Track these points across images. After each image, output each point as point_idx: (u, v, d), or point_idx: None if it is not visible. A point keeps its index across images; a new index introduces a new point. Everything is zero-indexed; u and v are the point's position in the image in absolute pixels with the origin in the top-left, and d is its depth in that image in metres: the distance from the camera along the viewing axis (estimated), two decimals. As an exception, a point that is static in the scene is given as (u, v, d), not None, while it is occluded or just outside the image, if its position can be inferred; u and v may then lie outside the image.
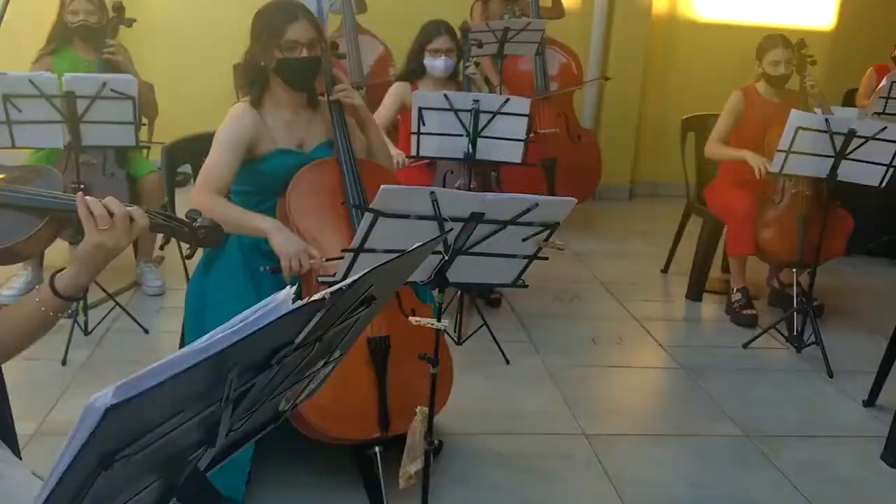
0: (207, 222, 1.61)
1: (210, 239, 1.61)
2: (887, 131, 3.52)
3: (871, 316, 4.23)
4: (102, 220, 1.46)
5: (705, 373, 3.56)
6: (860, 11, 6.35)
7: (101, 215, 1.46)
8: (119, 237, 1.48)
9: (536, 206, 1.91)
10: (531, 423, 3.05)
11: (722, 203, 4.22)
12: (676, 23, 6.26)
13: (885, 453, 2.96)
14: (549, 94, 5.06)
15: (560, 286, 4.43)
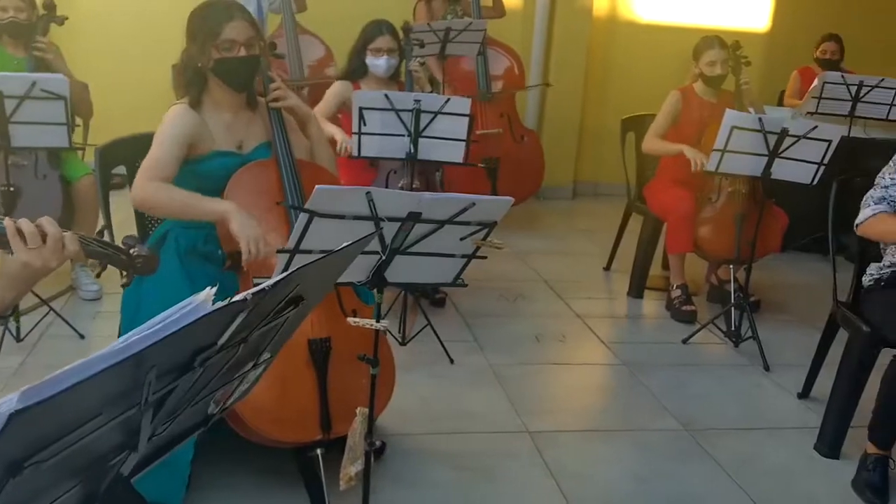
0: (145, 251, 1.57)
1: (146, 268, 1.57)
2: (817, 130, 3.62)
3: (806, 310, 4.34)
4: (32, 239, 1.42)
5: (646, 368, 3.61)
6: (793, 14, 6.53)
7: (30, 233, 1.42)
8: (48, 258, 1.44)
9: (473, 206, 1.92)
10: (475, 421, 3.06)
11: (661, 202, 4.29)
12: (616, 24, 6.35)
13: (818, 443, 3.04)
14: (490, 95, 5.10)
15: (504, 285, 4.46)
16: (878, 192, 2.82)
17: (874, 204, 2.80)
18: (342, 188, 1.82)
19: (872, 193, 2.84)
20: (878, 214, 2.78)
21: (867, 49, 6.27)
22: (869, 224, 2.80)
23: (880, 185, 2.84)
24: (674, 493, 2.72)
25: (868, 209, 2.81)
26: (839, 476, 2.86)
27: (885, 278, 2.96)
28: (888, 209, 2.78)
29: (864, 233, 2.87)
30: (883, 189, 2.81)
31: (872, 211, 2.79)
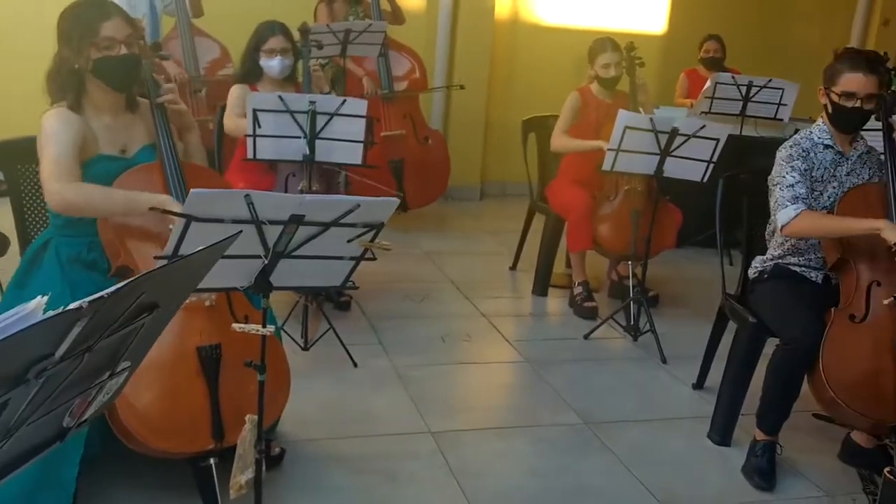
0: None
1: None
2: (706, 129, 3.76)
3: (702, 304, 4.47)
4: None
5: (549, 365, 3.67)
6: (689, 17, 6.74)
7: None
8: None
9: (358, 207, 1.91)
10: (377, 424, 3.04)
11: (561, 201, 4.37)
12: (518, 26, 6.44)
13: (711, 432, 3.15)
14: (392, 95, 5.10)
15: (411, 286, 4.46)
16: (787, 192, 2.87)
17: (791, 204, 2.85)
18: (218, 191, 1.78)
19: (783, 194, 2.88)
20: (801, 213, 2.83)
21: (753, 51, 6.54)
22: (796, 223, 2.83)
23: (784, 184, 2.89)
24: (572, 486, 2.77)
25: (788, 209, 2.84)
26: (731, 463, 2.97)
27: (769, 270, 3.09)
28: (805, 206, 2.85)
29: (792, 233, 2.89)
30: (790, 188, 2.87)
31: (795, 210, 2.83)
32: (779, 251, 3.08)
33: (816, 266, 3.00)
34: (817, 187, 2.97)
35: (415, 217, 5.49)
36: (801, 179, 2.88)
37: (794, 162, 2.91)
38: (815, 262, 3.00)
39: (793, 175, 2.88)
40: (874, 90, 2.89)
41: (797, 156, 2.92)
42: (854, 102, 2.88)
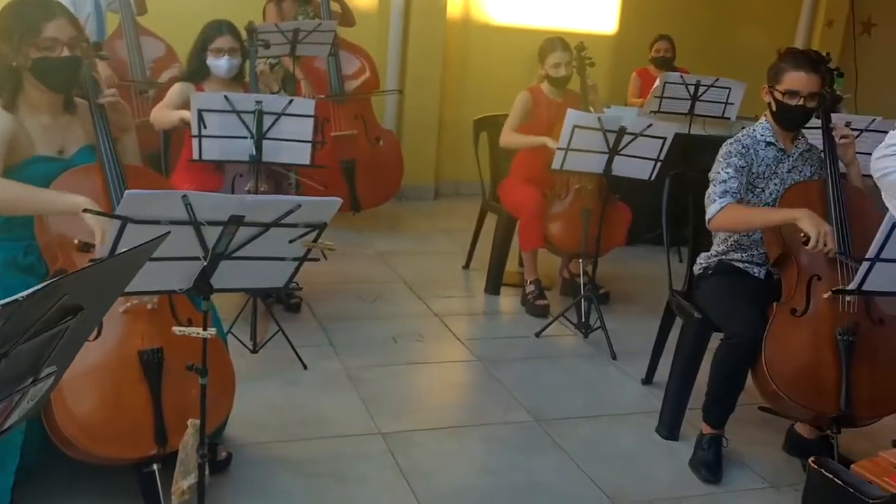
0: None
1: None
2: (652, 128, 3.80)
3: (652, 300, 4.52)
4: None
5: (500, 363, 3.68)
6: (639, 17, 6.82)
7: None
8: None
9: (299, 207, 1.89)
10: (327, 427, 3.02)
11: (513, 200, 4.39)
12: (470, 26, 6.45)
13: (659, 427, 3.19)
14: (344, 97, 5.07)
15: (363, 287, 4.44)
16: (718, 187, 2.95)
17: (719, 198, 2.91)
18: (154, 192, 1.75)
19: (714, 189, 2.95)
20: (726, 206, 2.90)
21: (702, 51, 6.63)
22: (720, 217, 2.90)
23: (717, 180, 2.97)
24: (523, 484, 2.78)
25: (715, 204, 2.92)
26: (678, 457, 3.01)
27: (713, 266, 3.13)
28: (733, 200, 2.92)
29: (717, 226, 2.97)
30: (722, 183, 2.94)
31: (720, 204, 2.90)
32: (722, 247, 3.13)
33: (759, 262, 3.06)
34: (759, 184, 3.03)
35: (368, 217, 5.47)
36: (735, 175, 2.93)
37: (732, 158, 2.96)
38: (757, 257, 3.06)
39: (727, 171, 2.94)
40: (816, 89, 2.96)
41: (735, 152, 2.98)
42: (797, 101, 2.94)
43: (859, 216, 2.84)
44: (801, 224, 2.71)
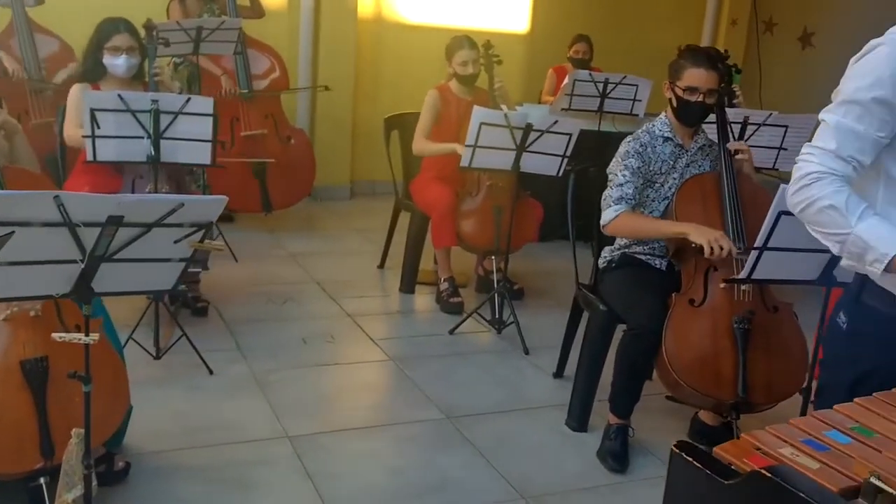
0: None
1: None
2: (558, 125, 3.84)
3: (564, 295, 4.55)
4: None
5: (413, 362, 3.66)
6: (551, 16, 6.90)
7: None
8: None
9: (182, 206, 1.83)
10: (232, 432, 2.95)
11: (425, 198, 4.37)
12: (382, 25, 6.41)
13: (568, 419, 3.22)
14: (251, 94, 4.98)
15: (274, 289, 4.36)
16: (615, 191, 2.99)
17: (614, 205, 2.98)
18: (21, 193, 1.67)
19: (610, 193, 3.01)
20: (620, 215, 2.96)
21: (613, 50, 6.75)
22: (614, 224, 2.99)
23: (614, 183, 3.01)
24: (431, 481, 2.76)
25: (610, 210, 2.98)
26: (587, 448, 3.04)
27: (617, 259, 3.18)
28: (627, 207, 2.97)
29: (610, 232, 3.05)
30: (619, 188, 2.99)
31: (615, 212, 2.97)
32: (625, 240, 3.17)
33: (660, 254, 3.11)
34: (658, 179, 3.08)
35: (280, 218, 5.38)
36: (632, 179, 2.99)
37: (629, 160, 3.01)
38: (658, 249, 3.12)
39: (624, 174, 3.00)
40: (715, 85, 3.03)
41: (633, 152, 3.03)
42: (697, 97, 3.01)
43: (753, 207, 2.91)
44: (691, 238, 2.78)
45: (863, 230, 1.55)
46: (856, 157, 1.59)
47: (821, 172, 1.60)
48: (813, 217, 1.62)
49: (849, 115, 1.59)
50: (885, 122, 1.57)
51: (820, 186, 1.59)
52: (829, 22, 7.06)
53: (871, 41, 1.60)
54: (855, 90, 1.58)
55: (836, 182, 1.59)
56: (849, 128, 1.59)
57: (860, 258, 1.57)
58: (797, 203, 1.65)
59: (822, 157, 1.61)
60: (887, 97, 1.55)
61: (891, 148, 1.61)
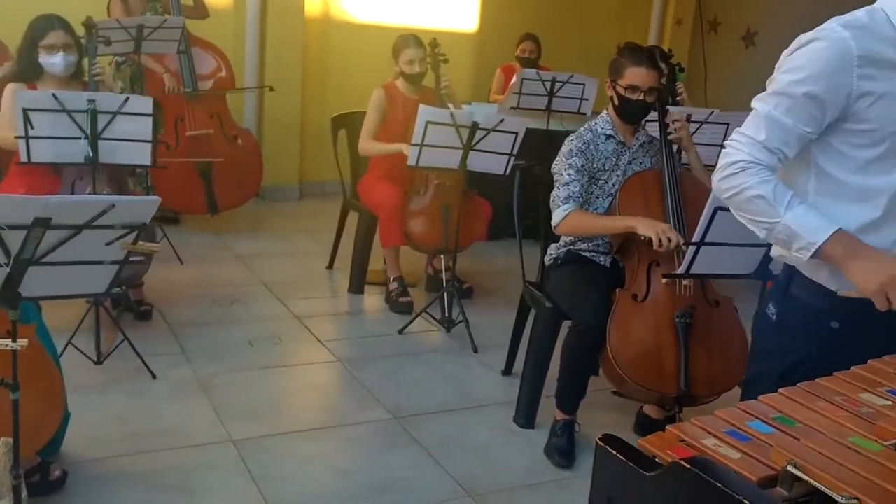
0: None
1: None
2: (504, 123, 3.85)
3: (514, 293, 4.56)
4: None
5: (362, 363, 3.64)
6: (500, 15, 6.92)
7: None
8: None
9: (113, 207, 1.79)
10: (175, 437, 2.90)
11: (372, 197, 4.35)
12: (330, 24, 6.37)
13: (516, 416, 3.23)
14: (196, 93, 4.91)
15: (220, 291, 4.30)
16: (562, 191, 3.01)
17: (563, 204, 2.99)
18: (-61, 195, 1.62)
19: (558, 194, 3.02)
20: (569, 214, 2.98)
21: (562, 49, 6.80)
22: (565, 224, 3.00)
23: (560, 182, 3.03)
24: (379, 481, 2.75)
25: (560, 210, 3.00)
26: (534, 444, 3.06)
27: (562, 256, 3.20)
28: (576, 206, 2.99)
29: (562, 232, 3.08)
30: (565, 187, 3.01)
31: (564, 212, 2.99)
32: (570, 237, 3.20)
33: (604, 251, 3.14)
34: (601, 176, 3.11)
35: (227, 219, 5.31)
36: (577, 177, 3.01)
37: (573, 159, 3.03)
38: (603, 246, 3.14)
39: (569, 173, 3.02)
40: (655, 83, 3.07)
41: (576, 151, 3.05)
42: (638, 95, 3.04)
43: (694, 202, 2.95)
44: (639, 231, 2.81)
45: (790, 219, 1.58)
46: (781, 149, 1.62)
47: (747, 162, 1.62)
48: (741, 205, 1.65)
49: (779, 106, 1.61)
50: (813, 118, 1.59)
51: (746, 175, 1.62)
52: (771, 22, 7.21)
53: (803, 34, 1.62)
54: (788, 83, 1.60)
55: (763, 172, 1.61)
56: (778, 120, 1.61)
57: (787, 245, 1.60)
58: (724, 189, 1.67)
59: (751, 146, 1.63)
60: (818, 93, 1.57)
61: (820, 141, 1.64)
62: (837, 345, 1.61)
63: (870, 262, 1.50)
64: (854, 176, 1.62)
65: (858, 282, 1.51)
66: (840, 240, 1.54)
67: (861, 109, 1.57)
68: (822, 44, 1.57)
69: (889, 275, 1.46)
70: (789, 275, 1.68)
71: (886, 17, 1.57)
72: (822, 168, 1.65)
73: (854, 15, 1.58)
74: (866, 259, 1.51)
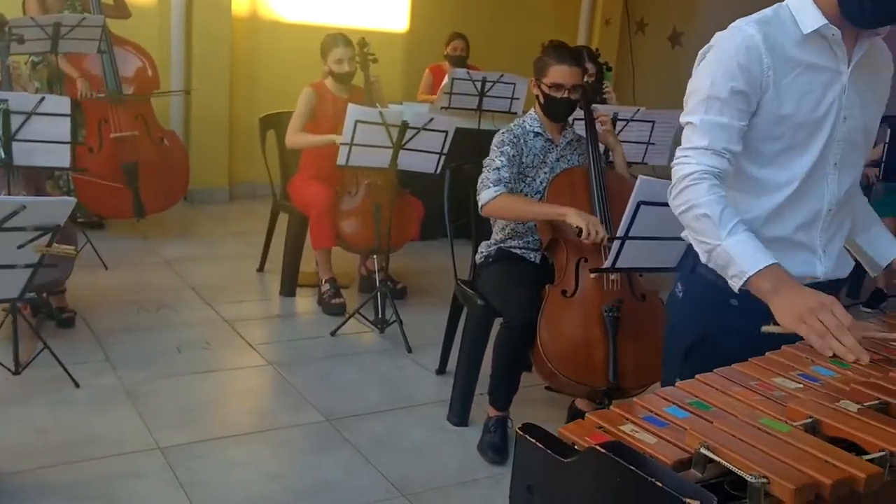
0: None
1: None
2: (434, 122, 3.85)
3: (447, 292, 4.56)
4: None
5: (294, 365, 3.60)
6: (430, 15, 6.93)
7: None
8: None
9: (24, 209, 1.73)
10: (100, 446, 2.81)
11: (303, 198, 4.31)
12: (259, 23, 6.28)
13: (450, 414, 3.24)
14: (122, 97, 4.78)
15: (146, 296, 4.19)
16: (492, 174, 3.03)
17: (493, 186, 3.00)
18: None
19: (487, 176, 3.04)
20: (499, 196, 2.98)
21: (493, 48, 6.85)
22: (493, 204, 2.99)
23: (491, 167, 3.05)
24: (309, 484, 2.72)
25: (489, 190, 3.00)
26: (468, 442, 3.06)
27: (493, 254, 3.22)
28: (506, 189, 3.00)
29: (489, 212, 3.06)
30: (495, 171, 3.03)
31: (494, 192, 2.99)
32: (500, 235, 3.22)
33: (534, 247, 3.17)
34: (529, 173, 3.14)
35: (154, 223, 5.19)
36: (508, 164, 3.03)
37: (504, 147, 3.06)
38: (533, 243, 3.17)
39: (500, 160, 3.03)
40: (579, 81, 3.11)
41: (508, 142, 3.07)
42: (563, 93, 3.07)
43: (619, 199, 3.00)
44: (569, 220, 2.84)
45: (730, 244, 1.56)
46: (728, 149, 1.61)
47: (700, 172, 1.61)
48: (690, 222, 1.63)
49: (710, 110, 1.62)
50: (742, 112, 1.62)
51: (698, 191, 1.60)
52: (696, 22, 7.39)
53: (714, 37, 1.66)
54: (710, 86, 1.62)
55: (715, 188, 1.60)
56: (714, 122, 1.61)
57: (723, 270, 1.59)
58: (678, 205, 1.65)
59: (698, 155, 1.62)
60: (741, 87, 1.60)
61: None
62: (737, 321, 1.64)
63: (792, 298, 1.49)
64: (762, 170, 1.67)
65: (779, 316, 1.50)
66: (770, 274, 1.52)
67: (769, 102, 1.61)
68: (731, 42, 1.62)
69: (808, 307, 1.45)
70: (696, 254, 1.70)
71: (790, 14, 1.62)
72: (740, 166, 1.68)
73: (761, 12, 1.63)
74: (788, 294, 1.50)
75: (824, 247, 1.72)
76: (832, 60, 1.64)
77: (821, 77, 1.63)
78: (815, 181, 1.67)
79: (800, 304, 1.47)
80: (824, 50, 1.63)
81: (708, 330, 1.73)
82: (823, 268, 1.72)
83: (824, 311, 1.44)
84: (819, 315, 1.44)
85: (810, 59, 1.62)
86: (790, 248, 1.69)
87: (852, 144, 1.69)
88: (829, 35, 1.60)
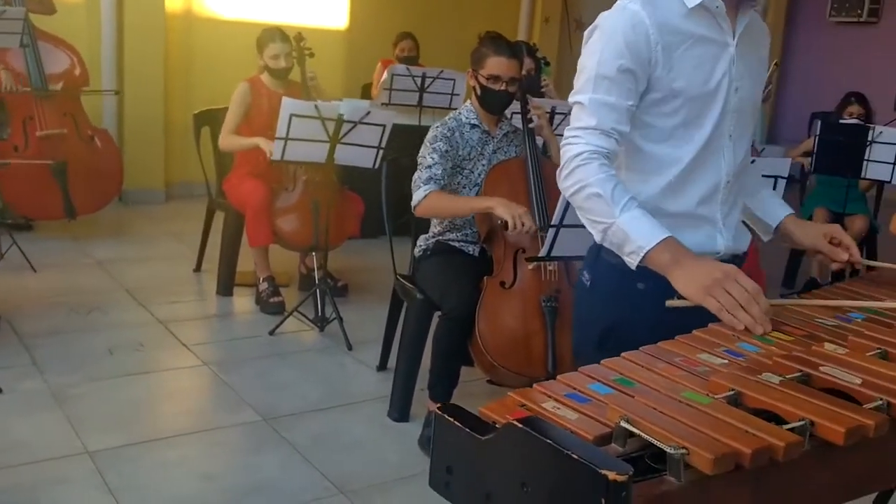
0: None
1: None
2: (371, 116, 3.81)
3: (389, 289, 4.54)
4: None
5: (231, 365, 3.52)
6: (370, 11, 6.88)
7: None
8: None
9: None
10: (25, 452, 2.70)
11: (238, 195, 4.22)
12: (193, 21, 6.15)
13: (391, 410, 3.19)
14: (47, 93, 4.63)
15: (77, 299, 4.06)
16: (424, 173, 3.00)
17: (424, 185, 2.97)
18: None
19: (420, 175, 3.01)
20: (429, 195, 2.96)
21: (436, 45, 6.82)
22: (424, 204, 2.97)
23: (423, 165, 3.03)
24: (245, 484, 2.65)
25: (420, 191, 2.97)
26: (409, 437, 3.03)
27: (431, 247, 3.20)
28: (436, 187, 2.97)
29: (421, 213, 3.04)
30: (427, 169, 3.00)
31: (424, 192, 2.96)
32: (439, 228, 3.20)
33: (472, 240, 3.15)
34: (466, 165, 3.12)
35: (86, 224, 5.04)
36: (440, 161, 3.01)
37: (437, 143, 3.03)
38: (471, 236, 3.15)
39: (433, 157, 3.01)
40: (517, 74, 3.09)
41: (441, 137, 3.05)
42: (500, 85, 3.06)
43: (557, 188, 2.98)
44: (496, 212, 2.82)
45: (624, 221, 1.54)
46: (616, 129, 1.60)
47: (589, 153, 1.59)
48: (581, 202, 1.61)
49: (598, 90, 1.60)
50: (630, 91, 1.60)
51: (587, 171, 1.58)
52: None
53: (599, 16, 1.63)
54: (598, 65, 1.60)
55: (605, 167, 1.58)
56: (602, 101, 1.60)
57: (619, 248, 1.57)
58: (569, 187, 1.63)
59: (587, 135, 1.60)
60: (628, 65, 1.58)
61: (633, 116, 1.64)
62: (646, 305, 1.60)
63: (694, 269, 1.48)
64: (660, 146, 1.65)
65: (683, 289, 1.48)
66: (668, 247, 1.51)
67: (661, 77, 1.60)
68: (616, 20, 1.60)
69: (713, 278, 1.44)
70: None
71: None
72: (631, 142, 1.66)
73: None
74: (689, 266, 1.49)
75: (724, 219, 1.72)
76: (719, 33, 1.64)
77: (710, 49, 1.63)
78: (713, 153, 1.67)
79: (703, 274, 1.46)
80: (710, 23, 1.63)
81: (618, 318, 1.69)
82: (724, 241, 1.72)
83: (730, 282, 1.43)
84: (726, 286, 1.43)
85: (699, 32, 1.62)
86: (692, 222, 1.68)
87: (744, 115, 1.70)
88: (713, 7, 1.61)
